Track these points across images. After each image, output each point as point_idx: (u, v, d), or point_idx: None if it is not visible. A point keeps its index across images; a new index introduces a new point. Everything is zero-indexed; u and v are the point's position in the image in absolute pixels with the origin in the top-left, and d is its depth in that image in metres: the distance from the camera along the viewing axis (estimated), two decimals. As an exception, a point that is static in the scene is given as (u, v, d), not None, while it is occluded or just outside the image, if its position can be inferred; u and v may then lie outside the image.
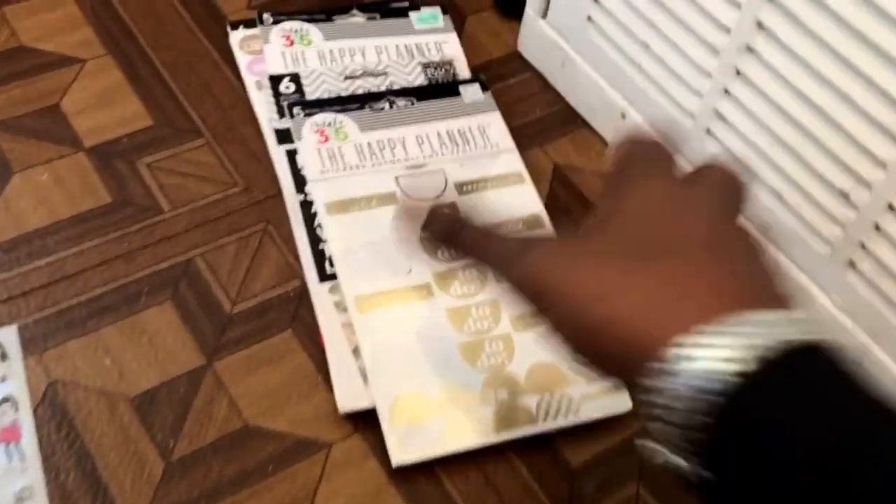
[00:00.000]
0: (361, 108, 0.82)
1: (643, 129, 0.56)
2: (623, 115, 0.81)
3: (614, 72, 0.81)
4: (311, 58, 0.86)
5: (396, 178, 0.79)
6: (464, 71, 0.87)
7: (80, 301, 0.72)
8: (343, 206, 0.76)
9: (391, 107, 0.83)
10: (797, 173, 0.68)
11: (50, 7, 0.90)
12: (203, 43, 0.89)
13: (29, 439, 0.65)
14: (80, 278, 0.73)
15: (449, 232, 0.45)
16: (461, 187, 0.79)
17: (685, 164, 0.43)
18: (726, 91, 0.70)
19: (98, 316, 0.71)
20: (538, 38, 0.88)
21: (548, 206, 0.80)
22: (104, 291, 0.72)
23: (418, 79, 0.86)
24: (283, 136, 0.80)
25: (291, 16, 0.88)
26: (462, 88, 0.85)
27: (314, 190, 0.77)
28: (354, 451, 0.66)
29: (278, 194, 0.78)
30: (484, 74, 0.88)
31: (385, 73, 0.86)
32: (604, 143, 0.86)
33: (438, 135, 0.82)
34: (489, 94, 0.85)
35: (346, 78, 0.85)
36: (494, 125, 0.83)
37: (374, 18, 0.89)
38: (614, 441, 0.69)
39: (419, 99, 0.84)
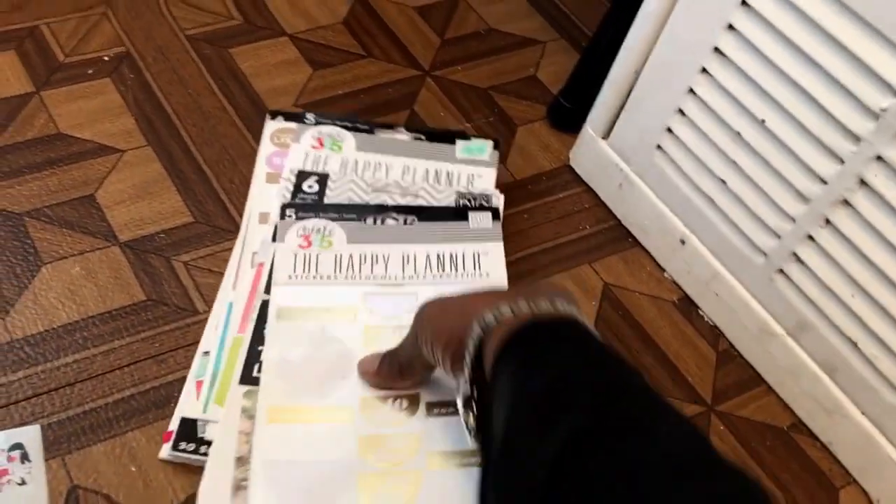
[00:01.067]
0: (358, 219, 0.79)
1: None
2: (682, 242, 0.79)
3: (679, 199, 0.79)
4: (332, 163, 0.83)
5: (365, 294, 0.75)
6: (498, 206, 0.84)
7: (107, 402, 0.68)
8: (295, 314, 0.73)
9: (385, 222, 0.79)
10: (878, 324, 0.66)
11: (90, 94, 0.87)
12: (248, 141, 0.86)
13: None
14: (109, 378, 0.69)
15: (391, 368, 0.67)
16: None
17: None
18: (810, 237, 0.68)
19: (125, 419, 0.67)
20: (595, 157, 0.86)
21: (596, 325, 0.78)
22: (133, 393, 0.69)
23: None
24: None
25: (335, 121, 0.86)
26: (471, 214, 0.81)
27: (275, 294, 0.73)
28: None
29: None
30: (531, 186, 0.87)
31: (417, 195, 0.83)
32: (656, 265, 0.84)
33: (427, 257, 0.78)
34: (498, 223, 0.81)
35: (375, 190, 0.82)
36: (492, 254, 0.80)
37: (419, 139, 0.87)
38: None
39: (420, 219, 0.80)
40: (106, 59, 0.91)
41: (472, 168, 0.85)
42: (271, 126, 0.86)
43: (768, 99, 0.67)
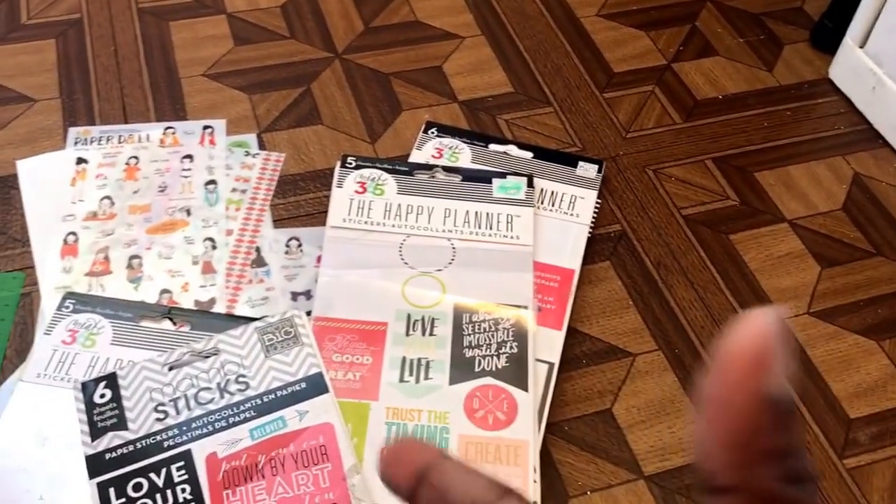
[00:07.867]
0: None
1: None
2: (927, 136, 0.92)
3: (924, 94, 0.92)
4: (376, 208, 0.86)
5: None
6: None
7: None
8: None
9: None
10: None
11: (441, -5, 1.12)
12: (559, 37, 1.07)
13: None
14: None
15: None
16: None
17: None
18: None
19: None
20: (852, 65, 1.00)
21: (845, 205, 0.91)
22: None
23: (256, 362, 0.75)
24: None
25: (374, 164, 0.89)
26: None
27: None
28: None
29: (615, 158, 0.94)
30: (794, 91, 1.02)
31: (217, 352, 0.75)
32: (903, 161, 0.97)
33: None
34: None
35: (171, 368, 0.74)
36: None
37: (455, 179, 0.89)
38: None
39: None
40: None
41: (510, 208, 0.86)
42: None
43: None
